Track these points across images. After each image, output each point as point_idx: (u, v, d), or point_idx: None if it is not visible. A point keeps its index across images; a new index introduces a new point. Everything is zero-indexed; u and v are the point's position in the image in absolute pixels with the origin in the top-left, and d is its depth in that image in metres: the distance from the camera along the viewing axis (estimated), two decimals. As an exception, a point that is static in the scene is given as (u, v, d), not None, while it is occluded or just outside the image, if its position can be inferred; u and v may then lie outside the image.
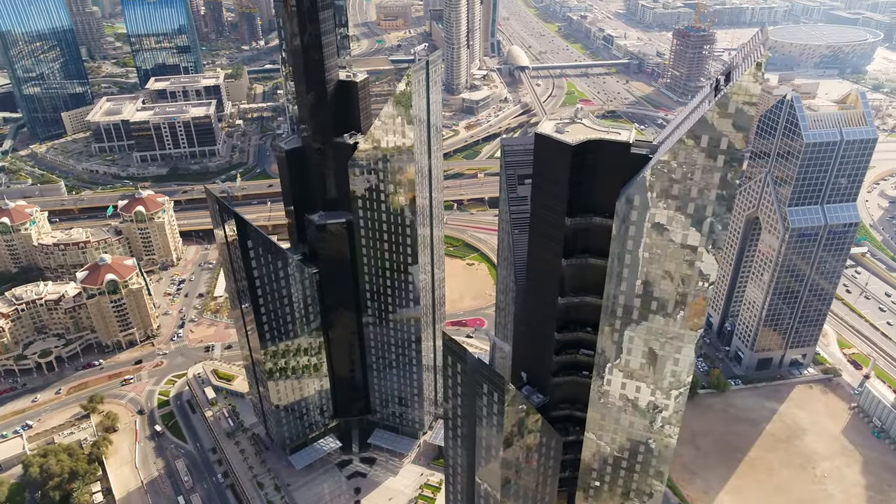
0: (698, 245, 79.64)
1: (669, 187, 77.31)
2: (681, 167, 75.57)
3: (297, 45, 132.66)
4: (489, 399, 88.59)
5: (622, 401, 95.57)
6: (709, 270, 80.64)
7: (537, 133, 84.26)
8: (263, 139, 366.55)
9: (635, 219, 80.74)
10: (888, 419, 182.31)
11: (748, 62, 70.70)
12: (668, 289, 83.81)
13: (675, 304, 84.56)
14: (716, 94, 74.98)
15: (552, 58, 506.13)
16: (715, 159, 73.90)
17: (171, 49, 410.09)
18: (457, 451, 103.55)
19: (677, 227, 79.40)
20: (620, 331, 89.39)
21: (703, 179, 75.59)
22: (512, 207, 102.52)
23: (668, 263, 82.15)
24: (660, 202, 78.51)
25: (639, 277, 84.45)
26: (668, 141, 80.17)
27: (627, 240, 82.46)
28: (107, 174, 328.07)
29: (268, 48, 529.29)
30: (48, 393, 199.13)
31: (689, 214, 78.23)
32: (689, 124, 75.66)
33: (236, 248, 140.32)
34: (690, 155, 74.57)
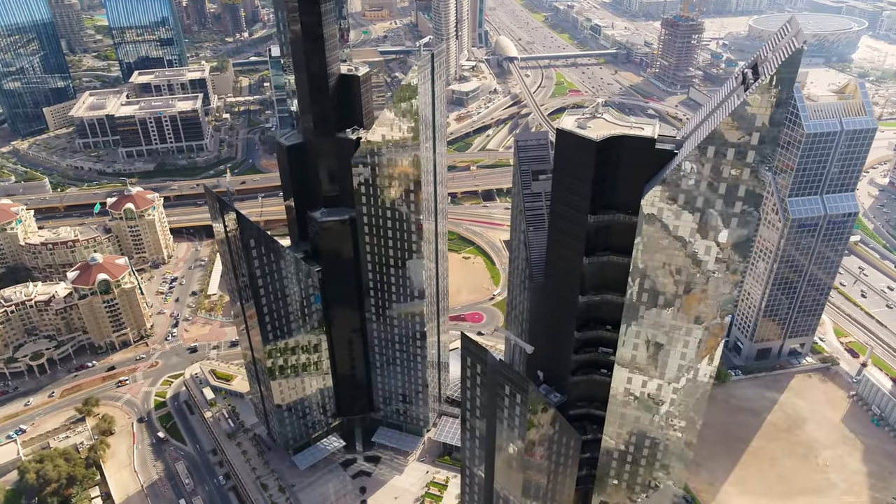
0: (726, 242, 78.35)
1: (697, 184, 75.82)
2: (709, 163, 74.09)
3: (298, 37, 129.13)
4: (511, 400, 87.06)
5: (643, 398, 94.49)
6: (736, 268, 79.47)
7: (559, 129, 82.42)
8: (251, 133, 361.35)
9: (661, 215, 79.24)
10: (887, 407, 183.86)
11: (779, 55, 69.22)
12: (694, 287, 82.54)
13: (701, 302, 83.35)
14: (745, 87, 73.44)
15: (540, 48, 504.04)
16: (745, 156, 72.49)
17: (154, 42, 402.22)
18: (474, 452, 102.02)
19: (704, 224, 78.01)
20: (643, 329, 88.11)
21: (732, 176, 74.20)
22: (526, 204, 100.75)
23: (694, 261, 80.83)
24: (687, 198, 77.01)
25: (663, 275, 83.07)
26: (693, 136, 78.67)
27: (652, 237, 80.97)
28: (92, 170, 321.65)
29: (252, 40, 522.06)
30: (41, 396, 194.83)
31: (718, 211, 76.87)
32: (717, 119, 74.13)
33: (238, 247, 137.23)
34: (720, 151, 73.08)
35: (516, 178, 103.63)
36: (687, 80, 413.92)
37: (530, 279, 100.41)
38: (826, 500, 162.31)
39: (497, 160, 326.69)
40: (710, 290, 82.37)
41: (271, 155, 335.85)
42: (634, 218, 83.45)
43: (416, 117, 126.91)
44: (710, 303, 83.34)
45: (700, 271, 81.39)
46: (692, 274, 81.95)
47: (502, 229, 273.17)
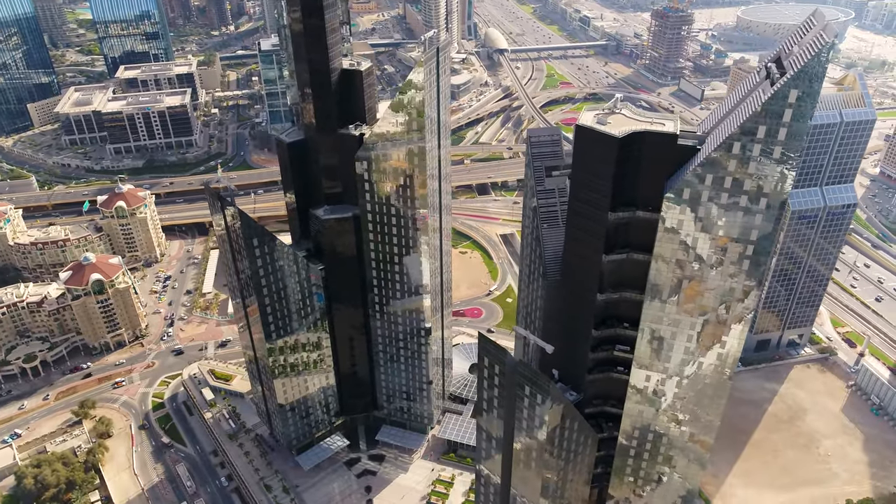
0: (750, 239, 77.55)
1: (722, 179, 74.86)
2: (735, 159, 73.11)
3: (299, 30, 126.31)
4: (531, 401, 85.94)
5: (660, 395, 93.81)
6: (761, 265, 78.73)
7: (578, 125, 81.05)
8: (241, 128, 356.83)
9: (685, 212, 78.25)
10: (886, 396, 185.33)
11: (807, 50, 68.21)
12: (716, 284, 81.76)
13: (723, 299, 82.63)
14: (770, 82, 72.41)
15: (529, 40, 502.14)
16: (772, 152, 71.58)
17: (139, 36, 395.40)
18: (490, 454, 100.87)
19: (729, 220, 77.13)
20: (663, 327, 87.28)
21: (758, 172, 73.29)
22: (540, 201, 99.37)
23: (717, 258, 79.97)
24: (711, 195, 76.05)
25: (685, 273, 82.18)
26: (716, 132, 77.64)
27: (675, 234, 79.99)
28: (79, 168, 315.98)
29: (238, 33, 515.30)
30: (36, 399, 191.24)
31: (742, 208, 76.01)
32: (742, 115, 73.11)
33: (240, 246, 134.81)
34: (746, 147, 72.11)
35: (529, 175, 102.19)
36: (677, 72, 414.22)
37: (544, 277, 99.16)
38: (829, 490, 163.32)
39: (490, 153, 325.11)
40: (734, 287, 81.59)
41: (262, 150, 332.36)
42: (655, 215, 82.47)
43: (422, 112, 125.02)
44: (732, 300, 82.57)
45: (723, 268, 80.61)
46: (715, 271, 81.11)
47: (498, 223, 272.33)
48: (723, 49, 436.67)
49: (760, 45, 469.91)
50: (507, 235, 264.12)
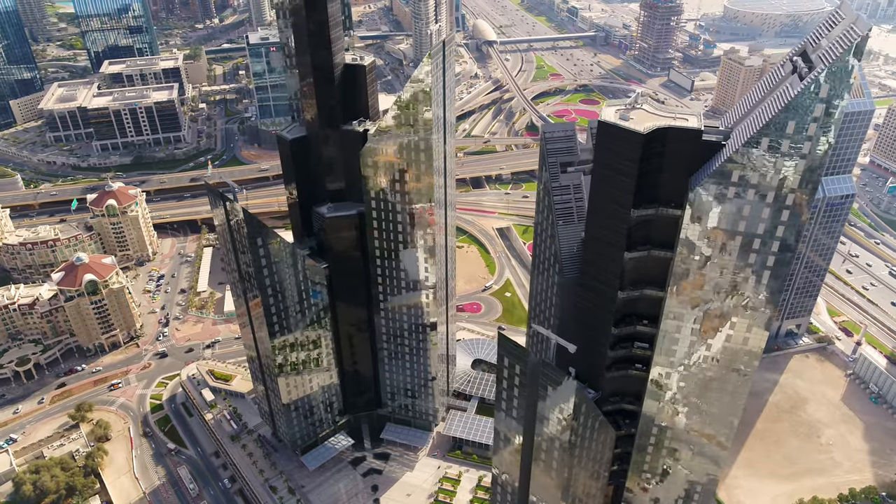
0: (776, 235, 76.84)
1: (749, 175, 73.99)
2: (763, 155, 72.23)
3: (303, 22, 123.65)
4: (554, 400, 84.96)
5: (681, 392, 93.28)
6: (786, 262, 78.11)
7: (601, 121, 79.77)
8: (230, 123, 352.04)
9: (710, 208, 77.38)
10: (884, 384, 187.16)
11: (838, 43, 67.30)
12: (740, 281, 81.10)
13: (747, 296, 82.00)
14: (799, 77, 71.51)
15: (517, 31, 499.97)
16: (800, 147, 70.77)
17: (123, 29, 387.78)
18: (508, 455, 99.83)
19: (754, 216, 76.38)
20: (685, 323, 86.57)
21: (786, 168, 72.48)
22: (555, 197, 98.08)
23: (742, 254, 79.27)
24: (738, 191, 75.20)
25: (709, 269, 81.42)
26: (741, 127, 76.68)
27: (700, 230, 79.15)
28: (65, 165, 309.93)
29: (223, 27, 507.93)
30: (30, 403, 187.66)
31: (768, 204, 75.24)
32: (770, 110, 72.17)
33: (244, 245, 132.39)
34: (774, 142, 71.25)
35: (542, 171, 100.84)
36: (667, 62, 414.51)
37: (560, 274, 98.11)
38: (831, 479, 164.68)
39: (483, 146, 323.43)
40: (758, 283, 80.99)
41: (252, 145, 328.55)
42: (677, 211, 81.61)
43: (430, 107, 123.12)
44: (756, 297, 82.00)
45: (747, 265, 79.96)
46: (739, 268, 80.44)
47: (494, 217, 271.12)
48: (711, 40, 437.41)
49: (747, 34, 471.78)
50: (503, 229, 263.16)
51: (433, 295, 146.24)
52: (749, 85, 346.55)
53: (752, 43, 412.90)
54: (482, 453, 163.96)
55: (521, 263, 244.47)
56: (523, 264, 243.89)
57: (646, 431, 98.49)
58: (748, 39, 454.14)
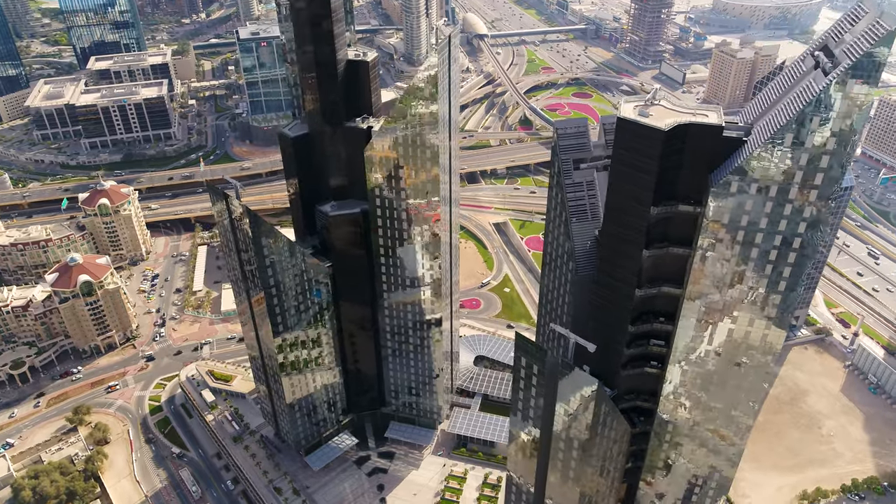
0: (798, 232, 76.37)
1: (772, 171, 73.37)
2: (787, 151, 71.61)
3: (305, 17, 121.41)
4: (574, 400, 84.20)
5: (698, 389, 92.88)
6: (808, 258, 77.70)
7: (620, 118, 78.80)
8: (220, 119, 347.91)
9: (731, 205, 76.75)
10: (883, 375, 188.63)
11: (865, 38, 66.65)
12: (760, 277, 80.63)
13: (767, 292, 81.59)
14: (823, 72, 70.88)
15: (508, 24, 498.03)
16: (826, 143, 70.21)
17: (109, 25, 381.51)
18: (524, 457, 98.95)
19: (777, 213, 75.81)
20: (703, 320, 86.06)
21: (810, 163, 71.94)
22: (569, 194, 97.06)
23: (763, 251, 78.76)
24: (761, 187, 74.59)
25: (729, 266, 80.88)
26: (762, 123, 76.01)
27: (720, 227, 78.52)
28: (54, 164, 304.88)
29: (210, 21, 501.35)
30: (26, 407, 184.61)
31: (791, 200, 74.70)
32: (793, 106, 71.51)
33: (247, 245, 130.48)
34: (799, 137, 70.63)
35: (555, 168, 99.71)
36: (658, 55, 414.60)
37: (574, 272, 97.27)
38: (834, 470, 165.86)
39: (478, 141, 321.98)
40: (778, 280, 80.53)
41: (244, 142, 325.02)
42: (697, 208, 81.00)
43: (436, 103, 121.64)
44: (776, 294, 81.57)
45: (768, 262, 79.47)
46: (759, 264, 79.95)
47: (490, 212, 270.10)
48: (701, 32, 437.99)
49: (737, 27, 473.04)
50: (499, 224, 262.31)
51: (437, 291, 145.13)
52: (741, 77, 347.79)
53: (743, 35, 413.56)
54: (487, 450, 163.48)
55: (518, 258, 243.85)
56: (521, 259, 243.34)
57: (661, 428, 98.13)
58: (737, 32, 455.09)
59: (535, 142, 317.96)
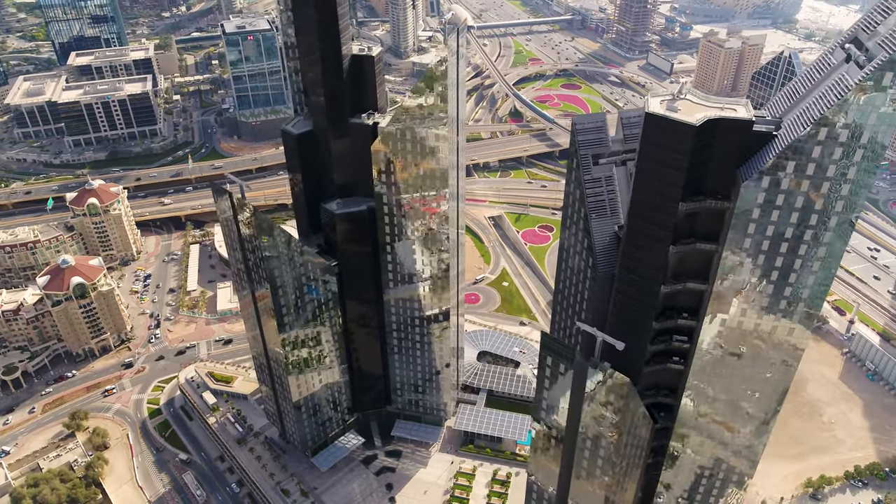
0: (829, 226, 75.96)
1: (804, 166, 72.79)
2: (819, 145, 71.03)
3: (310, 11, 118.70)
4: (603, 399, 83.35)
5: (721, 385, 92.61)
6: (838, 252, 77.40)
7: (648, 113, 77.60)
8: (206, 115, 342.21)
9: (761, 200, 76.11)
10: (880, 361, 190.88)
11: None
12: (789, 271, 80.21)
13: (795, 286, 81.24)
14: (858, 65, 70.25)
15: (493, 16, 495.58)
16: (860, 137, 69.70)
17: (88, 19, 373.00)
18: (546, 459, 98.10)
19: (807, 208, 75.31)
20: (729, 315, 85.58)
21: (842, 158, 71.44)
22: (587, 190, 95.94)
23: (793, 245, 78.30)
24: (792, 182, 73.99)
25: (757, 261, 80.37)
26: (792, 117, 75.31)
27: (749, 222, 77.88)
28: (37, 163, 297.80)
29: (191, 14, 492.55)
30: (21, 413, 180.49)
31: (823, 195, 74.23)
32: (825, 99, 70.86)
33: (252, 245, 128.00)
34: (832, 133, 70.06)
35: (573, 163, 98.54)
36: (645, 46, 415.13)
37: (594, 269, 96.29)
38: (836, 457, 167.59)
39: (469, 134, 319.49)
40: (807, 274, 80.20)
41: (231, 137, 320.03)
42: (725, 203, 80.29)
43: (445, 97, 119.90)
44: (804, 287, 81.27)
45: (798, 256, 79.05)
46: (789, 259, 79.51)
47: (485, 206, 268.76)
48: (687, 22, 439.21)
49: (721, 16, 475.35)
50: (495, 218, 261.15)
51: (444, 285, 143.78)
52: (729, 67, 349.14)
53: (730, 25, 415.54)
54: (494, 447, 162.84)
55: (515, 252, 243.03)
56: (518, 253, 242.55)
57: (683, 424, 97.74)
58: (721, 21, 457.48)
59: (527, 134, 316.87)
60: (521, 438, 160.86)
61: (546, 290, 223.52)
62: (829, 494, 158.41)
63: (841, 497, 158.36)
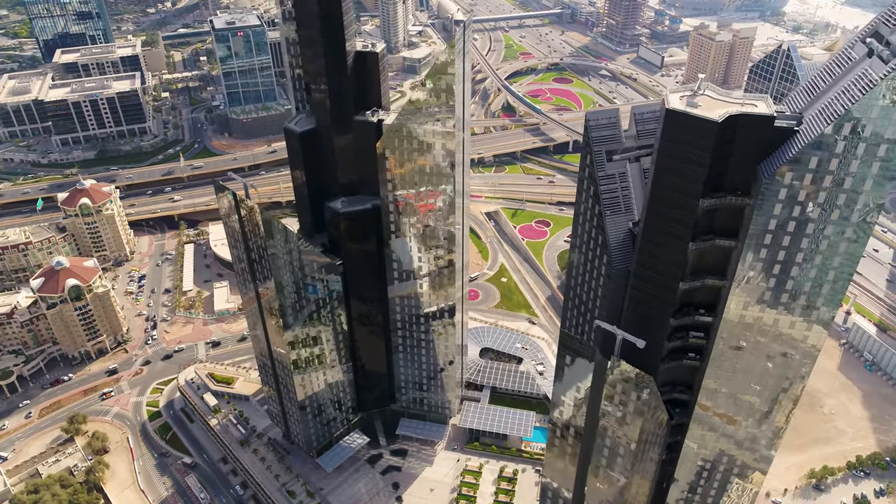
0: (850, 221, 75.78)
1: (828, 161, 72.49)
2: (844, 140, 70.74)
3: (313, 7, 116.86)
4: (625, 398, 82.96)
5: (738, 382, 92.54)
6: (860, 247, 77.28)
7: (669, 109, 76.94)
8: (196, 112, 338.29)
9: (783, 195, 75.77)
10: (877, 352, 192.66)
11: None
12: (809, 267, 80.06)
13: (815, 282, 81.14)
14: (882, 60, 69.96)
15: (483, 10, 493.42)
16: (885, 132, 69.45)
17: (72, 16, 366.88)
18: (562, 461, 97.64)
19: (830, 203, 75.06)
20: (749, 311, 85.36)
21: (867, 153, 71.19)
22: (602, 187, 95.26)
23: (813, 241, 78.09)
24: (815, 178, 73.66)
25: (778, 257, 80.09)
26: (813, 112, 74.94)
27: (770, 218, 77.54)
28: (24, 162, 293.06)
29: (176, 10, 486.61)
30: (17, 418, 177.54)
31: (846, 190, 73.99)
32: (848, 94, 70.55)
33: (257, 245, 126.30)
34: (857, 128, 69.76)
35: (586, 160, 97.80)
36: (635, 39, 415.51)
37: (609, 266, 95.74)
38: (838, 447, 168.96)
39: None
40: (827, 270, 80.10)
41: (222, 135, 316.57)
42: (745, 199, 79.91)
43: (452, 93, 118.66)
44: (825, 283, 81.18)
45: (818, 252, 78.88)
46: (809, 255, 79.31)
47: (481, 201, 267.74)
48: (677, 15, 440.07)
49: (709, 9, 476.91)
50: (491, 213, 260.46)
51: (450, 282, 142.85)
52: (720, 60, 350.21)
53: (719, 17, 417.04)
54: (500, 443, 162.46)
55: (513, 248, 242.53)
56: (516, 248, 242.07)
57: (698, 420, 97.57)
58: (709, 14, 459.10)
59: (521, 129, 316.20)
60: (527, 435, 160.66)
61: (545, 285, 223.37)
62: (832, 485, 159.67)
63: (844, 487, 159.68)
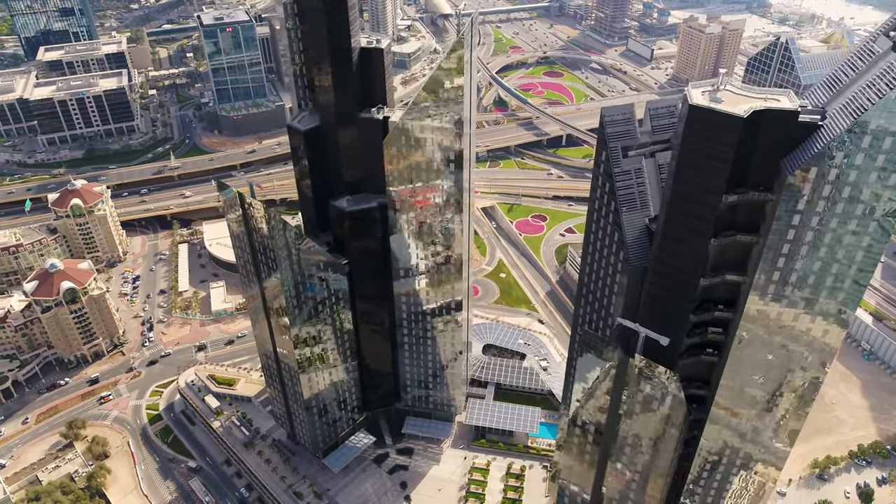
0: (874, 216, 75.71)
1: (853, 156, 72.28)
2: (870, 135, 70.53)
3: (317, 2, 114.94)
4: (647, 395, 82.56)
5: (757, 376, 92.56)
6: (882, 243, 77.25)
7: (692, 105, 76.37)
8: (184, 109, 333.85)
9: (807, 191, 75.51)
10: (875, 341, 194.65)
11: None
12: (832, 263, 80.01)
13: (837, 278, 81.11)
14: (906, 54, 69.89)
15: (471, 3, 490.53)
16: (912, 125, 69.35)
17: (55, 12, 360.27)
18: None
19: (854, 197, 74.91)
20: (769, 306, 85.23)
21: (893, 147, 71.03)
22: (618, 183, 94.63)
23: (836, 237, 77.99)
24: (840, 172, 73.44)
25: (801, 252, 79.90)
26: (838, 107, 74.65)
27: (794, 214, 77.29)
28: (10, 163, 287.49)
29: (160, 6, 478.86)
30: (14, 423, 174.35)
31: (871, 184, 73.84)
32: (872, 90, 70.34)
33: (263, 245, 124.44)
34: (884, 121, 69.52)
35: (601, 156, 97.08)
36: (624, 32, 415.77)
37: (626, 262, 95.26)
38: (839, 437, 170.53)
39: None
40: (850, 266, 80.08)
41: (212, 132, 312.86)
42: (768, 195, 79.63)
43: (461, 90, 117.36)
44: (847, 279, 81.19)
45: (842, 247, 78.79)
46: (833, 250, 79.23)
47: (476, 196, 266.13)
48: (665, 7, 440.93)
49: (697, 1, 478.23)
50: (487, 208, 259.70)
51: (456, 279, 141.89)
52: (709, 52, 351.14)
53: (707, 10, 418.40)
54: (506, 440, 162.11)
55: (511, 243, 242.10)
56: (514, 244, 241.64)
57: (716, 416, 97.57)
58: (697, 7, 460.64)
59: (513, 123, 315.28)
60: (533, 431, 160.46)
61: (544, 280, 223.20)
62: (835, 474, 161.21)
63: (846, 476, 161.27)
